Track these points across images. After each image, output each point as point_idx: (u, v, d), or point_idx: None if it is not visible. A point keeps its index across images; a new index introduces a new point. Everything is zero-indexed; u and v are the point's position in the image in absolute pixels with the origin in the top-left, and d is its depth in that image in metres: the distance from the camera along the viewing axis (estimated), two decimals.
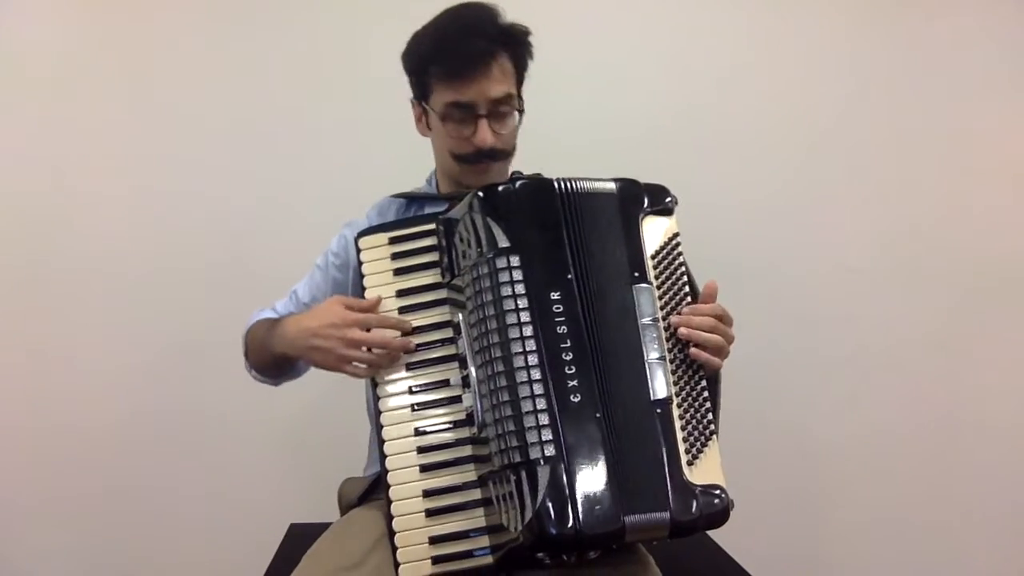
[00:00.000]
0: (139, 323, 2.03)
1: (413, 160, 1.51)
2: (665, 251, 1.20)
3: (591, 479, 1.02)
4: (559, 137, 1.96)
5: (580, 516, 1.00)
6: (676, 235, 1.22)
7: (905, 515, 2.06)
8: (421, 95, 1.38)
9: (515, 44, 1.34)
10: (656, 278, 1.18)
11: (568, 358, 1.07)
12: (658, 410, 1.10)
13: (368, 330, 1.17)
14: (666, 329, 1.15)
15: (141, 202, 2.03)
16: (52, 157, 2.02)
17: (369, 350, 1.16)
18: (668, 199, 1.23)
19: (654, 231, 1.20)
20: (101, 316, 2.03)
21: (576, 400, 1.06)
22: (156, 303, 2.03)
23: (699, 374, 1.16)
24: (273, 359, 1.35)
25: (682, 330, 1.15)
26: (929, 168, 2.08)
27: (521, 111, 1.38)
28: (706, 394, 1.16)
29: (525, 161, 1.42)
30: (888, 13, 2.08)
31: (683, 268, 1.21)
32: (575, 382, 1.06)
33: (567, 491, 1.01)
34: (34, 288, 2.02)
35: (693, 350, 1.15)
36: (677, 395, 1.13)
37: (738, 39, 2.08)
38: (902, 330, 2.07)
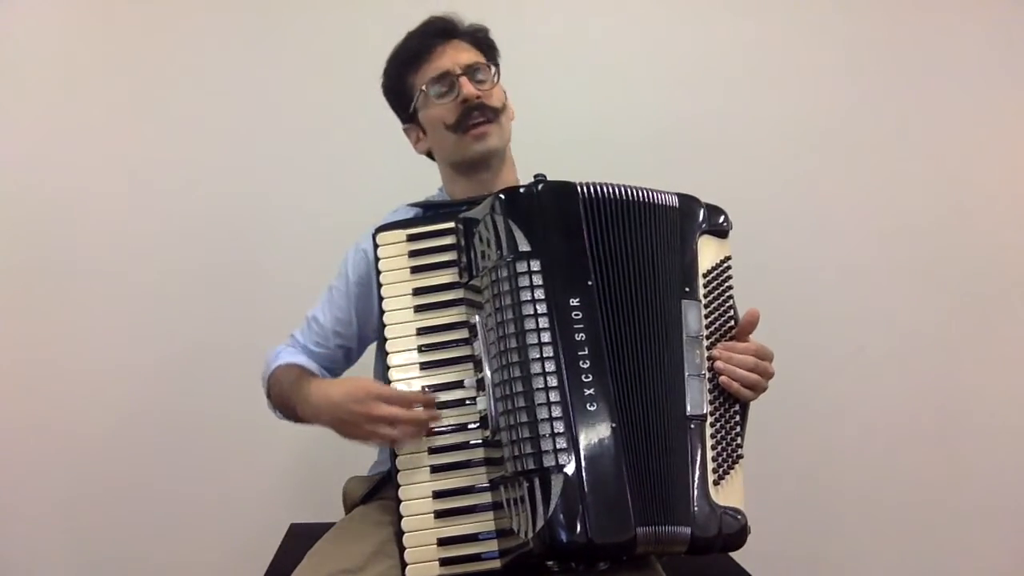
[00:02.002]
0: (139, 324, 2.02)
1: (423, 166, 1.51)
2: (716, 272, 1.22)
3: (604, 489, 1.02)
4: (563, 140, 1.96)
5: (591, 526, 0.99)
6: (728, 258, 1.24)
7: (906, 514, 2.05)
8: (405, 104, 1.43)
9: (472, 35, 1.42)
10: (704, 297, 1.18)
11: (585, 365, 1.07)
12: (692, 425, 1.11)
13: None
14: (708, 349, 1.16)
15: (142, 202, 2.03)
16: (52, 157, 2.02)
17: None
18: (724, 221, 1.25)
19: (708, 251, 1.22)
20: (102, 317, 2.01)
21: (592, 408, 1.05)
22: (156, 304, 2.02)
23: (733, 397, 1.17)
24: (296, 416, 1.34)
25: (719, 364, 1.16)
26: (931, 167, 2.08)
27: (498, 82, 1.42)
28: (738, 417, 1.17)
29: (529, 165, 1.41)
30: (889, 14, 2.09)
31: (731, 291, 1.22)
32: (592, 390, 1.06)
33: (580, 500, 1.00)
34: (34, 288, 2.01)
35: (724, 379, 1.15)
36: (711, 414, 1.14)
37: (739, 41, 2.08)
38: (903, 329, 2.06)
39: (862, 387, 2.06)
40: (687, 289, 1.17)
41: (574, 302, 1.09)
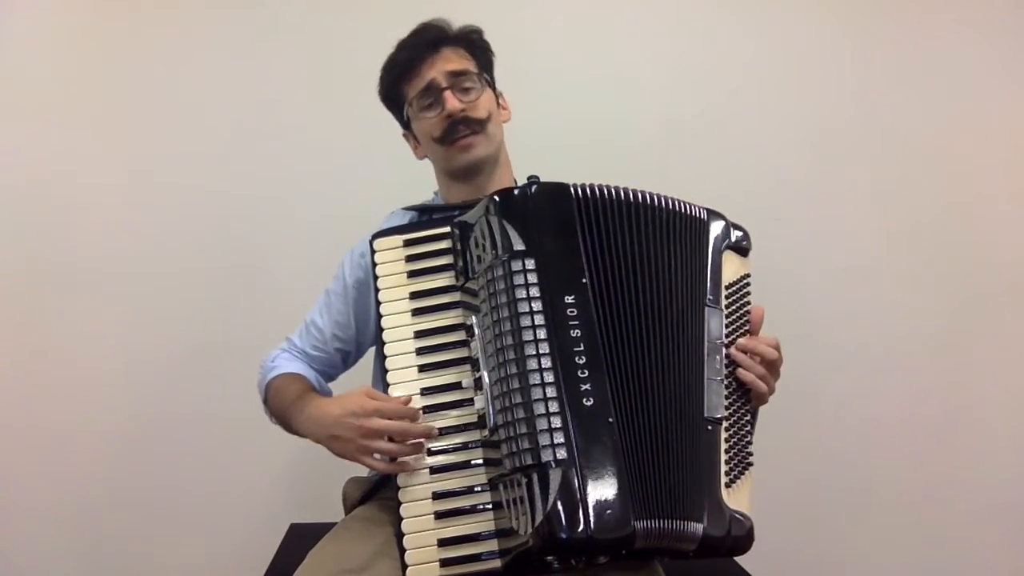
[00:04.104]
0: (140, 324, 2.02)
1: (421, 166, 1.52)
2: (736, 287, 1.25)
3: (603, 483, 1.02)
4: (565, 141, 1.98)
5: (591, 520, 0.99)
6: (748, 275, 1.26)
7: (905, 515, 2.06)
8: (400, 112, 1.45)
9: (464, 38, 1.43)
10: (724, 309, 1.21)
11: (581, 361, 1.07)
12: (708, 427, 1.13)
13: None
14: (727, 356, 1.18)
15: (142, 203, 2.03)
16: (53, 157, 2.02)
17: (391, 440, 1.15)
18: (746, 240, 1.28)
19: (730, 265, 1.25)
20: (102, 317, 2.02)
21: (589, 403, 1.06)
22: (157, 304, 2.02)
23: (748, 405, 1.19)
24: (293, 431, 1.35)
25: (738, 355, 1.18)
26: (931, 167, 2.09)
27: (493, 87, 1.44)
28: (749, 427, 1.19)
29: (527, 165, 1.41)
30: (888, 15, 2.09)
31: (748, 307, 1.25)
32: (588, 386, 1.06)
33: (578, 494, 1.00)
34: (35, 289, 2.01)
35: (742, 371, 1.18)
36: (727, 419, 1.16)
37: (740, 43, 2.09)
38: (904, 329, 2.07)
39: (863, 386, 2.07)
40: (711, 298, 1.20)
41: (569, 299, 1.10)
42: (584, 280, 1.12)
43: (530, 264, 1.10)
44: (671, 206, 1.21)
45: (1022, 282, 2.08)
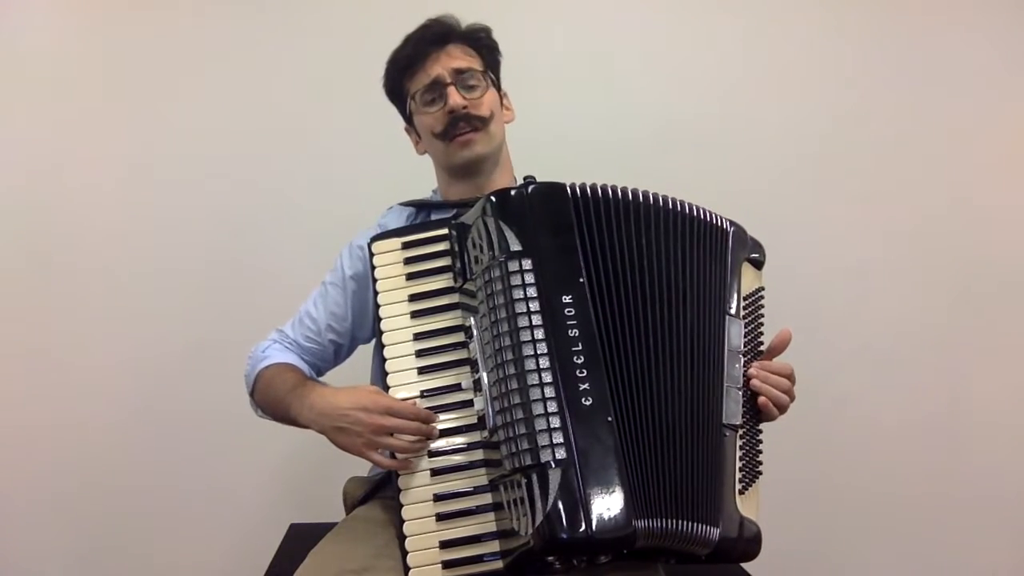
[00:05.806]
0: (139, 322, 2.02)
1: (419, 163, 1.52)
2: (752, 298, 1.25)
3: (603, 482, 1.02)
4: (564, 141, 1.98)
5: (592, 519, 0.99)
6: (762, 288, 1.27)
7: (906, 513, 2.06)
8: (403, 107, 1.45)
9: (471, 35, 1.43)
10: (743, 319, 1.22)
11: (579, 361, 1.07)
12: (726, 433, 1.14)
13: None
14: (744, 365, 1.19)
15: (141, 201, 2.03)
16: (52, 156, 2.02)
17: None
18: (760, 253, 1.29)
19: (747, 278, 1.26)
20: (101, 315, 2.02)
21: (588, 403, 1.05)
22: (156, 302, 2.02)
23: (760, 415, 1.21)
24: (290, 419, 1.31)
25: (755, 382, 1.19)
26: (931, 166, 2.09)
27: (498, 88, 1.44)
28: (761, 436, 1.20)
29: (526, 165, 1.42)
30: (890, 14, 2.09)
31: (762, 320, 1.25)
32: (586, 385, 1.06)
33: (578, 494, 1.00)
34: (33, 287, 2.01)
35: (763, 401, 1.19)
36: (741, 427, 1.16)
37: (741, 43, 2.09)
38: (904, 329, 2.07)
39: (863, 385, 2.07)
40: (731, 306, 1.20)
41: (567, 299, 1.10)
42: (582, 279, 1.11)
43: (527, 264, 1.10)
44: (687, 210, 1.21)
45: (1022, 282, 2.08)
